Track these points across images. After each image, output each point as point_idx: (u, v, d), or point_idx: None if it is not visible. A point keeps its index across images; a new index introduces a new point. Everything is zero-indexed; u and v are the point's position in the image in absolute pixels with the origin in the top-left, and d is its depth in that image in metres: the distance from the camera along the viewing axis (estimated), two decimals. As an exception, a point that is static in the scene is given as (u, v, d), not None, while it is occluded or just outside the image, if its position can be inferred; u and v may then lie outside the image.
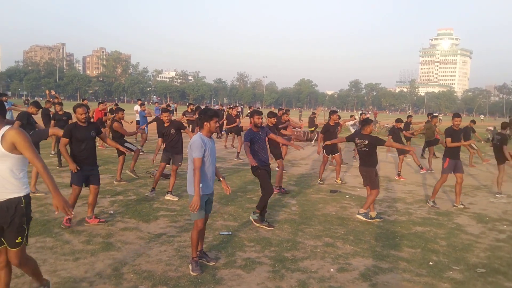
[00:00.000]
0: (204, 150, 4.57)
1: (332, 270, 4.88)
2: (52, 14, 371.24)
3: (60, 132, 6.35)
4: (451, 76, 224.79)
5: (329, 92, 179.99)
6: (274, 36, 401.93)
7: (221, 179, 5.03)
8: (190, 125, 15.10)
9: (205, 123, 4.72)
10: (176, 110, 37.31)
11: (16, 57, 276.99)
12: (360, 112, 15.46)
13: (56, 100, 13.61)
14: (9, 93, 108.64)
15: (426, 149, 15.07)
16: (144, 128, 15.17)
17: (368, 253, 5.52)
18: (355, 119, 18.37)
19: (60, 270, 4.47)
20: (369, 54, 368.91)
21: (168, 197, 7.89)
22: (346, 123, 17.53)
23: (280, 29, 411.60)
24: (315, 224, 6.69)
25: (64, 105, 12.33)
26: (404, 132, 13.10)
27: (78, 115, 6.05)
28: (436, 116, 15.99)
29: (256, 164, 6.32)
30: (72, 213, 3.04)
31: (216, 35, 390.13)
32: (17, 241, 3.28)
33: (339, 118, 11.28)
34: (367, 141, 7.13)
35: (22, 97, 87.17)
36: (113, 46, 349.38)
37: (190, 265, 4.69)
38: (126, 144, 9.34)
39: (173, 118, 9.29)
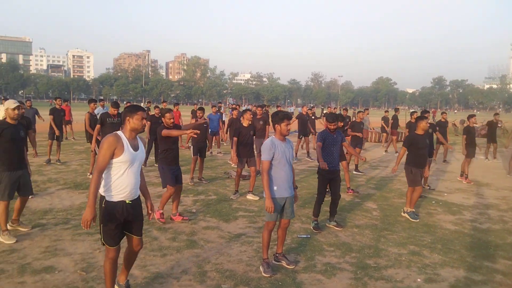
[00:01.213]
0: (273, 153, 4.59)
1: (419, 280, 4.61)
2: (139, 24, 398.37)
3: (174, 132, 6.60)
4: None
5: (410, 90, 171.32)
6: (350, 35, 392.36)
7: (294, 188, 4.92)
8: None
9: (276, 125, 4.73)
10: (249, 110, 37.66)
11: (107, 64, 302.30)
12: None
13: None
14: (101, 97, 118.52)
15: None
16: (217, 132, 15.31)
17: (458, 263, 5.14)
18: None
19: (149, 265, 4.75)
20: (454, 50, 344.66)
21: (250, 196, 8.08)
22: None
23: (356, 28, 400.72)
24: (399, 231, 6.38)
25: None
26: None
27: (166, 120, 6.49)
28: None
29: (327, 168, 6.16)
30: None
31: (291, 36, 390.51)
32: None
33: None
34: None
35: (107, 102, 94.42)
36: (193, 52, 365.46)
37: (261, 267, 4.72)
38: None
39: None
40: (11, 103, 5.42)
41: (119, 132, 3.64)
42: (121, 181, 3.55)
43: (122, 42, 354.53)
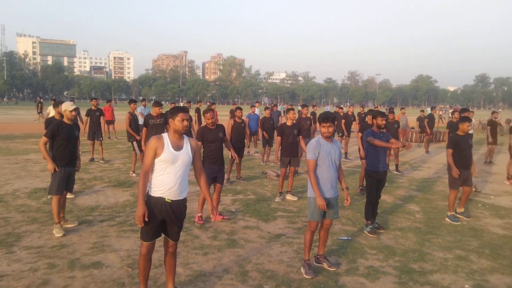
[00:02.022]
0: (318, 152, 4.58)
1: (466, 286, 4.44)
2: (176, 26, 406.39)
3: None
4: None
5: (451, 88, 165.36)
6: (388, 31, 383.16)
7: (344, 189, 4.87)
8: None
9: (319, 126, 4.73)
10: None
11: (146, 65, 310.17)
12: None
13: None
14: (140, 97, 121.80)
15: None
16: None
17: (508, 270, 4.91)
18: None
19: (191, 264, 4.83)
20: (498, 45, 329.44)
21: (289, 196, 8.06)
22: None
23: (394, 24, 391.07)
24: (444, 235, 6.17)
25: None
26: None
27: (206, 119, 6.59)
28: None
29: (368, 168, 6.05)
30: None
31: (326, 34, 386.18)
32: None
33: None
34: None
35: (151, 101, 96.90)
36: (229, 52, 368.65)
37: (302, 268, 4.70)
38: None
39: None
40: (69, 105, 5.89)
41: (164, 134, 3.76)
42: (162, 178, 3.64)
43: (160, 43, 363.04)
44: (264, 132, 12.65)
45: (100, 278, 4.40)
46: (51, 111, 5.48)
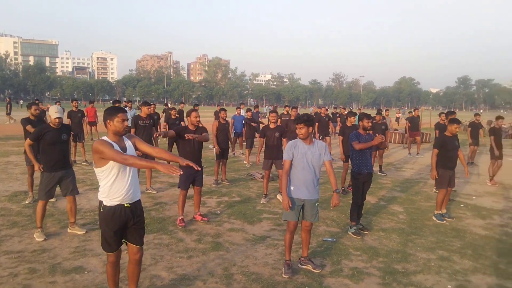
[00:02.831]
0: (292, 153, 4.62)
1: (449, 287, 4.50)
2: (161, 26, 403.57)
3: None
4: None
5: (434, 90, 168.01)
6: (372, 34, 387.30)
7: (333, 191, 4.78)
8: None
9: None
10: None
11: (130, 66, 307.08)
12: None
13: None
14: (124, 98, 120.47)
15: None
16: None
17: (490, 270, 4.99)
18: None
19: (176, 267, 4.78)
20: (479, 49, 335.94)
21: (279, 197, 8.09)
22: None
23: (377, 27, 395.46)
24: (427, 235, 6.24)
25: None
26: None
27: (192, 118, 6.55)
28: None
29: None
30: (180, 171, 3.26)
31: (312, 37, 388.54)
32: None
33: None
34: None
35: (135, 103, 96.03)
36: (214, 53, 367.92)
37: (283, 268, 4.72)
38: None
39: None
40: (53, 112, 5.70)
41: (105, 138, 3.57)
42: (117, 185, 3.51)
43: (144, 44, 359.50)
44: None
45: (82, 283, 4.32)
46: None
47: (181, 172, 3.29)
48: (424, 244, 5.85)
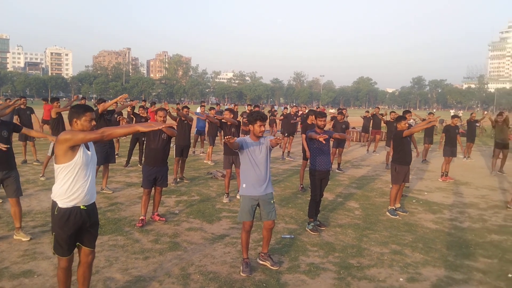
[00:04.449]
0: (239, 150, 4.67)
1: (401, 279, 4.66)
2: (119, 20, 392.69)
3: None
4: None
5: (390, 90, 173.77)
6: (331, 34, 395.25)
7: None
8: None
9: (249, 126, 4.77)
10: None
11: (86, 62, 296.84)
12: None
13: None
14: (80, 95, 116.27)
15: None
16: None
17: (439, 262, 5.22)
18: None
19: (131, 269, 4.67)
20: (433, 51, 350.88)
21: (239, 196, 8.05)
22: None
23: (335, 27, 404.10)
24: (381, 230, 6.45)
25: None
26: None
27: (158, 117, 6.47)
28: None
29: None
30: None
31: (273, 36, 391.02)
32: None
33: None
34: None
35: (92, 100, 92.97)
36: (175, 50, 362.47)
37: (241, 266, 4.74)
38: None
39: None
40: None
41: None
42: (75, 185, 3.38)
43: (101, 39, 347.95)
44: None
45: (31, 287, 4.13)
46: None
47: (164, 126, 3.31)
48: (378, 238, 6.04)
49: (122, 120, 8.79)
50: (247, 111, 16.37)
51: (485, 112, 18.68)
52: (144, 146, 9.28)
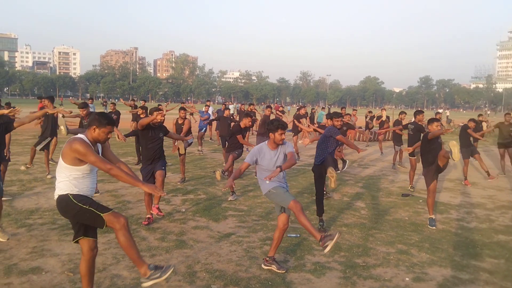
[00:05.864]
0: (256, 159, 4.72)
1: (407, 279, 4.66)
2: (126, 20, 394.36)
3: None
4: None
5: (397, 90, 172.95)
6: (338, 33, 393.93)
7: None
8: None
9: (270, 134, 4.75)
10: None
11: (94, 61, 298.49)
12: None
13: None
14: (87, 95, 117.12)
15: None
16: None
17: (446, 262, 5.20)
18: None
19: (138, 266, 4.70)
20: (440, 50, 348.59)
21: (217, 173, 8.06)
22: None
23: (342, 26, 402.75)
24: (387, 230, 6.44)
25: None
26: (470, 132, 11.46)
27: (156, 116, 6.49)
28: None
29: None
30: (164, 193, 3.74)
31: (280, 35, 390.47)
32: None
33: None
34: None
35: (99, 99, 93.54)
36: (182, 49, 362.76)
37: (272, 265, 4.77)
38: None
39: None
40: None
41: (83, 137, 3.51)
42: (87, 180, 3.59)
43: (109, 39, 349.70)
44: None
45: (39, 284, 4.18)
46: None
47: (164, 194, 3.64)
48: (384, 238, 6.03)
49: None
50: (249, 110, 16.36)
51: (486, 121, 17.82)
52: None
